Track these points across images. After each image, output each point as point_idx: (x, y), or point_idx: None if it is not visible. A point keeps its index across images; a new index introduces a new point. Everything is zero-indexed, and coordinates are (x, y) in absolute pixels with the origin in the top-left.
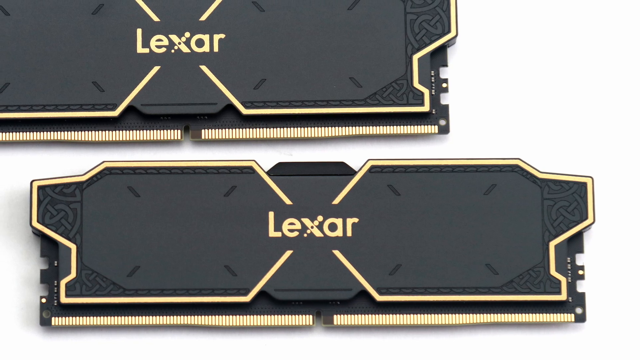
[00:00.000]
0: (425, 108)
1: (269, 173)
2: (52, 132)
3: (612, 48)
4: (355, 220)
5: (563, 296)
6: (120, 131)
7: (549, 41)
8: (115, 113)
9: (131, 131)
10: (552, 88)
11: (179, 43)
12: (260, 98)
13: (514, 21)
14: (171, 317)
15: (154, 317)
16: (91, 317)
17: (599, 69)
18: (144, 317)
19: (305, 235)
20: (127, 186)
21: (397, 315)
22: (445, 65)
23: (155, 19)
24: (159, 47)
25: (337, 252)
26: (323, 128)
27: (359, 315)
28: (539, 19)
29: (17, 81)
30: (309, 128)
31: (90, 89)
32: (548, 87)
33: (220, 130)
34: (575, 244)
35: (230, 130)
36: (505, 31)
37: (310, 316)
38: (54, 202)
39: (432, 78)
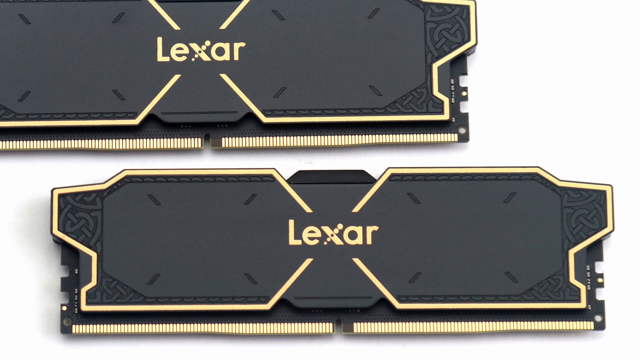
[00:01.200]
0: (445, 116)
1: (289, 181)
2: (72, 141)
3: (632, 57)
4: (375, 228)
5: (582, 304)
6: (141, 139)
7: (568, 49)
8: (135, 121)
9: (152, 139)
10: (572, 96)
11: (200, 51)
12: (281, 106)
13: (533, 30)
14: (191, 324)
15: (174, 324)
16: (111, 325)
17: (618, 78)
18: (164, 324)
19: (325, 243)
20: (147, 194)
21: (417, 323)
22: (465, 73)
23: (176, 27)
24: (179, 55)
25: (357, 260)
26: (343, 136)
27: (379, 323)
28: (558, 28)
29: (38, 89)
30: (329, 136)
31: (110, 97)
32: (567, 95)
33: (240, 138)
34: (595, 252)
35: (251, 138)
36: (525, 39)
37: (330, 324)
38: (75, 210)
39: (452, 86)
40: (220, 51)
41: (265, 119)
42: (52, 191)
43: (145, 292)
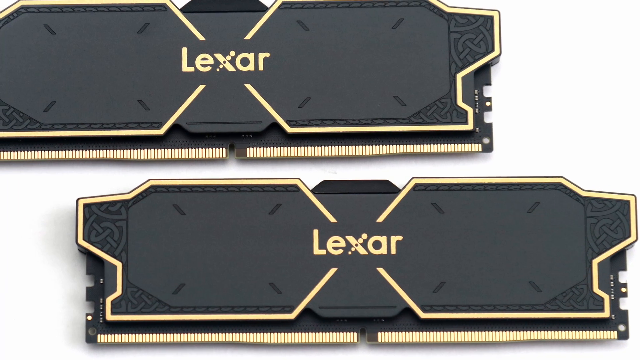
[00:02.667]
0: (469, 126)
1: (313, 191)
2: (97, 151)
3: None
4: (400, 238)
5: (606, 313)
6: (166, 149)
7: (592, 60)
8: (160, 131)
9: (176, 149)
10: (596, 106)
11: (224, 62)
12: (305, 116)
13: (557, 40)
14: (216, 334)
15: (199, 334)
16: (137, 335)
17: None
18: (189, 334)
19: (349, 253)
20: (172, 204)
21: (441, 332)
22: (489, 83)
23: (201, 37)
24: (204, 65)
25: (381, 270)
26: (367, 146)
27: (403, 333)
28: (582, 38)
29: (63, 100)
30: (354, 146)
31: (135, 107)
32: (591, 105)
33: (265, 148)
34: (618, 261)
35: (275, 148)
36: (548, 50)
37: (355, 333)
38: (100, 220)
39: (476, 96)
40: (245, 61)
41: (289, 129)
42: (77, 201)
43: (170, 302)
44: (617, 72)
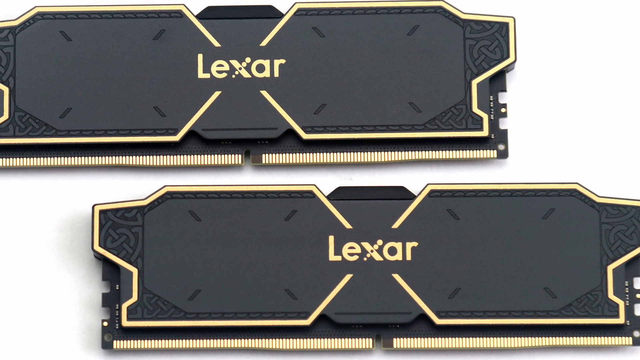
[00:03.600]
0: (484, 133)
1: (329, 197)
2: (113, 157)
3: None
4: (415, 244)
5: (621, 319)
6: (182, 156)
7: (607, 66)
8: (176, 138)
9: (192, 156)
10: (611, 113)
11: (240, 68)
12: (321, 123)
13: (572, 46)
14: (232, 340)
15: (215, 340)
16: (152, 341)
17: None
18: (204, 340)
19: (365, 259)
20: (188, 210)
21: (456, 338)
22: (504, 90)
23: (216, 44)
24: (219, 72)
25: (396, 276)
26: (383, 153)
27: (419, 339)
28: (597, 45)
29: (79, 106)
30: (369, 153)
31: (151, 113)
32: (606, 111)
33: (280, 154)
34: (633, 267)
35: (291, 154)
36: (563, 56)
37: (370, 339)
38: (116, 226)
39: (491, 103)
40: (260, 68)
41: (305, 136)
42: (93, 207)
43: (186, 308)
44: (632, 78)
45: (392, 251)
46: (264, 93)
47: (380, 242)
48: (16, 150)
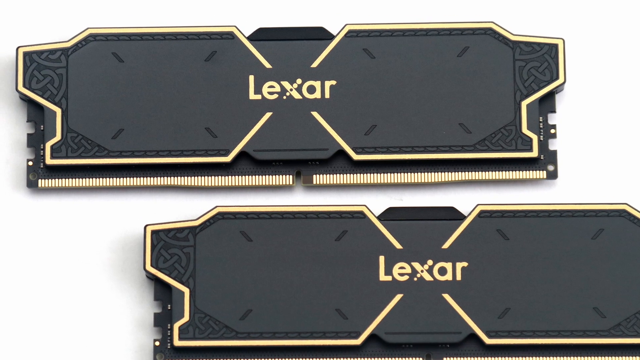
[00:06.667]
0: (534, 154)
1: (379, 218)
2: (165, 178)
3: None
4: (465, 264)
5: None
6: (233, 176)
7: None
8: (227, 159)
9: (243, 176)
10: None
11: (291, 89)
12: (371, 144)
13: (621, 67)
14: (283, 359)
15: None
16: None
17: None
18: None
19: (415, 279)
20: (239, 231)
21: (506, 358)
22: (554, 111)
23: (268, 65)
24: (271, 93)
25: (446, 296)
26: (433, 173)
27: (468, 358)
28: None
29: (131, 127)
30: (419, 173)
31: (203, 134)
32: None
33: (331, 175)
34: None
35: (341, 175)
36: (613, 77)
37: (420, 359)
38: (168, 246)
39: (541, 124)
40: (311, 89)
41: (355, 157)
42: (145, 228)
43: (237, 328)
44: None
45: (442, 271)
46: (315, 114)
47: (430, 262)
48: (69, 171)
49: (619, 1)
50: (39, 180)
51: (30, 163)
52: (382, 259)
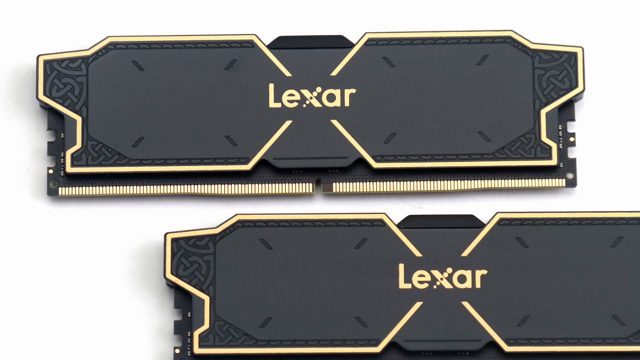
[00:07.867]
0: (553, 162)
1: (399, 226)
2: (185, 186)
3: None
4: (484, 272)
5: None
6: (253, 184)
7: None
8: (247, 167)
9: (263, 184)
10: None
11: (311, 98)
12: (391, 152)
13: None
14: None
15: None
16: None
17: None
18: None
19: (434, 287)
20: (259, 239)
21: None
22: (573, 119)
23: (287, 74)
24: (290, 101)
25: (466, 304)
26: (452, 181)
27: None
28: None
29: (151, 135)
30: (439, 181)
31: (223, 143)
32: None
33: (351, 183)
34: None
35: (361, 183)
36: (632, 85)
37: None
38: (188, 254)
39: (560, 132)
40: (331, 97)
41: (375, 165)
42: (165, 236)
43: (257, 335)
44: None
45: (462, 279)
46: (335, 122)
47: (449, 270)
48: (89, 179)
49: (639, 9)
50: (60, 189)
51: (51, 171)
52: (401, 266)
